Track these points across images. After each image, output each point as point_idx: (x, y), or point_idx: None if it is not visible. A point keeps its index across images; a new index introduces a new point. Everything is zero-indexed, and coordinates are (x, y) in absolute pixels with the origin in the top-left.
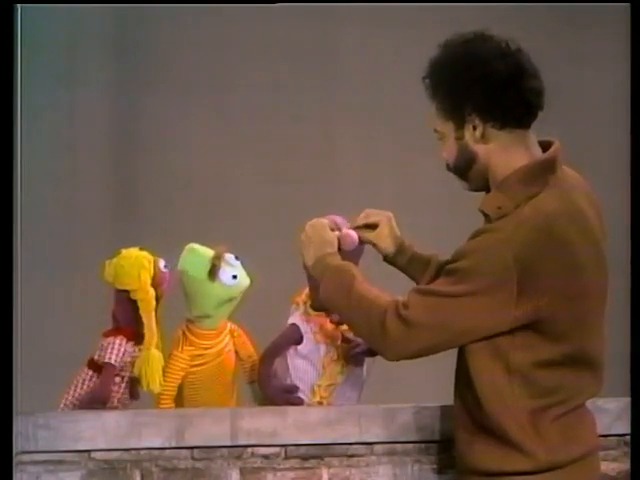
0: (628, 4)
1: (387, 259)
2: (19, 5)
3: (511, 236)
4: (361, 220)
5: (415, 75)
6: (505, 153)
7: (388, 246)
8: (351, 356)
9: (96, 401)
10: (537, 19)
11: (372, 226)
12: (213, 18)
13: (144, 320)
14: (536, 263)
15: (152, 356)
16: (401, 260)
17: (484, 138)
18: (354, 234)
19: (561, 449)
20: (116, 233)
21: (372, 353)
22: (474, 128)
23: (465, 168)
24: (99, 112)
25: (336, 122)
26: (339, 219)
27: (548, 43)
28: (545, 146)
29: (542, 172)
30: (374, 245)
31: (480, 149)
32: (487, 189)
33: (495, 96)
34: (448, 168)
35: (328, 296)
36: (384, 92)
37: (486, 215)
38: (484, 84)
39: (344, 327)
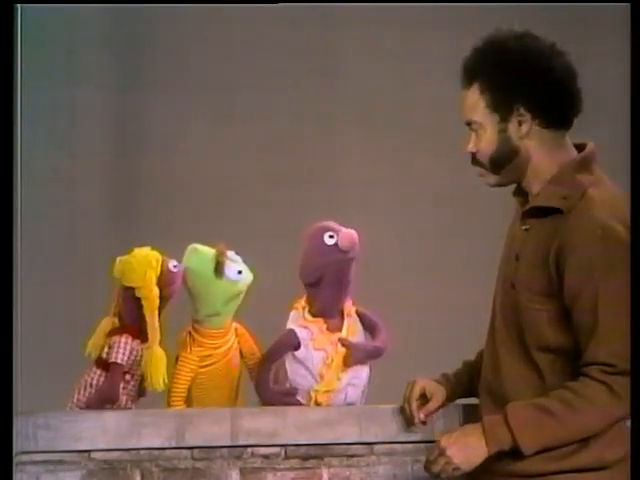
0: (628, 4)
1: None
2: (19, 5)
3: (604, 212)
4: (416, 395)
5: (415, 75)
6: (548, 151)
7: (444, 398)
8: (353, 360)
9: (105, 400)
10: (537, 19)
11: (424, 396)
12: (214, 18)
13: (147, 319)
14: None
15: (155, 355)
16: (457, 391)
17: (527, 134)
18: (353, 233)
19: (608, 449)
20: (116, 233)
21: (374, 356)
22: (519, 123)
23: (504, 161)
24: (100, 112)
25: (337, 122)
26: (332, 223)
27: None
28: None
29: (591, 163)
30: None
31: (522, 144)
32: (514, 185)
33: (551, 95)
34: (474, 161)
35: (541, 442)
36: (385, 92)
37: (532, 215)
38: (543, 81)
39: (340, 333)
